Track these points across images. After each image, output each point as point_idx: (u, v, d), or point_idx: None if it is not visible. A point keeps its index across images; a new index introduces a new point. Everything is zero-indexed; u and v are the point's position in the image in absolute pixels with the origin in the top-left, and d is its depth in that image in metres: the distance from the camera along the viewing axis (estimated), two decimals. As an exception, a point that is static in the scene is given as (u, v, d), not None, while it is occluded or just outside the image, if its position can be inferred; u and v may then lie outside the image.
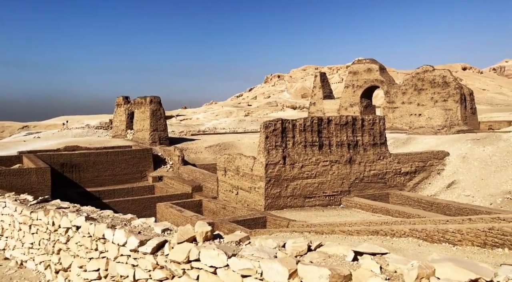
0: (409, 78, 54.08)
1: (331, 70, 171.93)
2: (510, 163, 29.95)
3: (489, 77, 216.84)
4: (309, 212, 28.02)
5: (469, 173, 30.87)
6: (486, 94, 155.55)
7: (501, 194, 27.18)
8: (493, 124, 57.01)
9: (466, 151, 33.40)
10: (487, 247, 10.84)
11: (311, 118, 29.52)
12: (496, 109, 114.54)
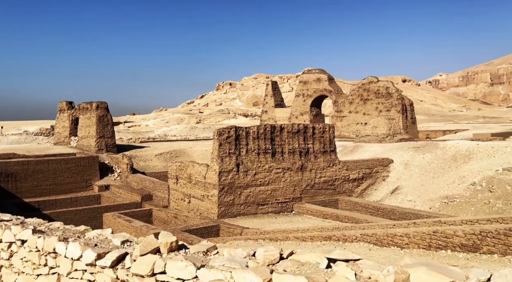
0: (356, 88, 56.75)
1: (282, 79, 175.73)
2: (446, 169, 32.32)
3: (426, 89, 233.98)
4: (262, 219, 28.17)
5: (411, 179, 32.86)
6: (423, 105, 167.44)
7: (439, 199, 29.18)
8: (430, 133, 61.36)
9: (408, 158, 35.57)
10: (432, 249, 11.56)
11: (264, 126, 29.86)
12: (432, 119, 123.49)
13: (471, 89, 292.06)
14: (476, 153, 32.62)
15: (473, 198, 27.49)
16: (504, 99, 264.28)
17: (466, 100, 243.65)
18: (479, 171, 29.50)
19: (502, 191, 26.50)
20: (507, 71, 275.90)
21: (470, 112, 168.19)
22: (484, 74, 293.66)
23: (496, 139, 39.85)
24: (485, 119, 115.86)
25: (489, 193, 27.08)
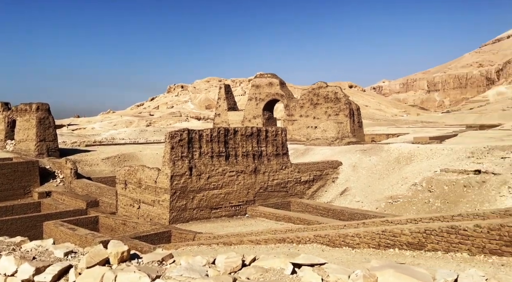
0: (306, 93, 58.19)
1: (234, 83, 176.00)
2: (390, 171, 34.02)
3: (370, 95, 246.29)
4: (215, 223, 27.79)
5: (358, 180, 34.18)
6: (368, 110, 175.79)
7: (384, 199, 30.60)
8: (375, 137, 64.43)
9: (355, 161, 36.99)
10: (381, 248, 11.99)
11: (217, 129, 29.55)
12: (376, 123, 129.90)
13: (411, 95, 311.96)
14: (416, 155, 34.67)
15: (414, 197, 29.14)
16: (439, 105, 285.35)
17: (406, 106, 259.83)
18: (419, 172, 31.37)
19: (440, 191, 28.36)
20: (441, 79, 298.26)
21: (410, 117, 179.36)
22: (421, 81, 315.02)
23: (434, 142, 42.73)
24: (423, 124, 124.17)
25: (428, 193, 28.86)
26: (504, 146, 30.85)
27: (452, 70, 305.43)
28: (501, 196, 24.55)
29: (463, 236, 9.98)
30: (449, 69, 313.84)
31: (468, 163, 29.16)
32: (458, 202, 26.55)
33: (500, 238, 9.16)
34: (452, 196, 27.21)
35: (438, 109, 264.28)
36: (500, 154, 28.68)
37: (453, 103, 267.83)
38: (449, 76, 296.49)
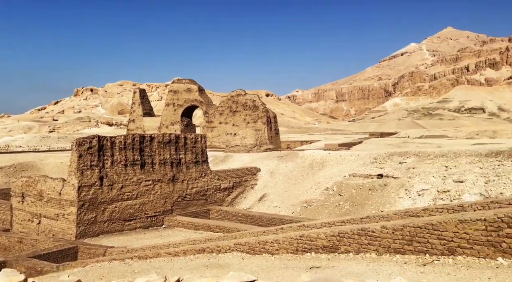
0: (225, 100, 58.49)
1: (150, 87, 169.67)
2: (305, 176, 35.68)
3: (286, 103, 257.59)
4: (129, 236, 26.16)
5: (276, 186, 35.18)
6: (284, 118, 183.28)
7: (300, 204, 31.93)
8: (290, 144, 67.26)
9: (273, 167, 38.06)
10: (299, 253, 12.36)
11: (132, 136, 27.98)
12: (291, 131, 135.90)
13: (321, 104, 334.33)
14: (328, 161, 36.92)
15: (326, 201, 30.90)
16: (346, 114, 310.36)
17: (318, 114, 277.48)
18: (331, 177, 33.41)
19: (349, 194, 30.51)
20: (348, 90, 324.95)
21: (321, 125, 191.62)
22: (331, 92, 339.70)
23: (343, 149, 46.01)
24: (333, 131, 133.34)
25: (339, 196, 30.85)
26: (401, 152, 34.43)
27: (356, 82, 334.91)
28: (400, 198, 27.26)
29: (371, 237, 10.73)
30: (354, 81, 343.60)
31: (372, 168, 31.88)
32: (364, 204, 28.81)
33: (403, 238, 10.05)
34: (359, 198, 29.45)
35: (345, 118, 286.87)
36: (398, 159, 31.92)
37: (358, 113, 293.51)
38: (354, 87, 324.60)
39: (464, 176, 25.31)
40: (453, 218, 9.26)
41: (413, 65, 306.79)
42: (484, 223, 8.66)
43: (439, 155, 30.03)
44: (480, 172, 25.05)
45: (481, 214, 8.98)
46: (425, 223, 9.62)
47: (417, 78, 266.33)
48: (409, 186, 27.33)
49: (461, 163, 27.32)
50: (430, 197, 25.60)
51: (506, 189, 22.63)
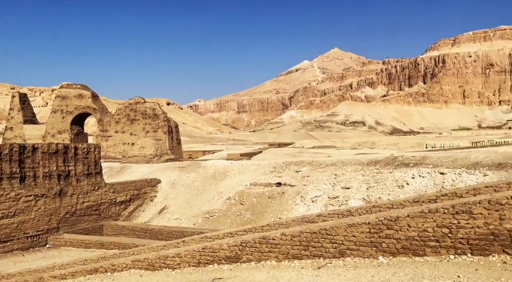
0: (123, 108, 55.30)
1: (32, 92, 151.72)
2: (207, 186, 35.55)
3: (188, 113, 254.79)
4: (4, 259, 22.69)
5: (177, 197, 34.29)
6: (186, 128, 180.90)
7: (202, 214, 31.65)
8: (192, 154, 66.55)
9: (174, 178, 37.07)
10: (201, 266, 12.16)
11: (10, 146, 24.51)
12: (193, 140, 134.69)
13: (224, 115, 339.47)
14: (230, 171, 37.44)
15: (228, 211, 31.21)
16: (247, 125, 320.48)
17: (220, 124, 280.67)
18: (233, 187, 33.90)
19: (250, 203, 31.31)
20: (249, 102, 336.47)
21: (223, 135, 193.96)
22: (232, 103, 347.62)
23: (244, 158, 47.21)
24: (234, 142, 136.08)
25: (240, 206, 31.43)
26: (297, 161, 36.70)
27: (256, 95, 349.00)
28: (296, 204, 28.94)
29: (272, 245, 11.12)
30: (254, 93, 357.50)
31: (271, 176, 33.30)
32: (264, 212, 29.85)
33: (300, 244, 10.64)
34: (259, 207, 30.42)
35: (246, 129, 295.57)
36: (295, 168, 33.94)
37: (258, 124, 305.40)
38: (255, 99, 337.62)
39: (350, 183, 28.06)
40: (343, 223, 10.14)
41: (307, 81, 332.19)
42: (368, 226, 9.66)
43: (330, 164, 32.81)
44: (362, 179, 28.05)
45: (365, 218, 10.01)
46: (320, 228, 10.34)
47: (310, 93, 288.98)
48: (304, 193, 29.21)
49: (347, 171, 30.26)
50: (322, 203, 27.72)
51: (383, 194, 25.74)
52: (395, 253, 9.39)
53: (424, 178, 25.31)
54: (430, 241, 9.01)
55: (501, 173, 22.46)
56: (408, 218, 9.21)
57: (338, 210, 13.15)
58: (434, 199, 11.22)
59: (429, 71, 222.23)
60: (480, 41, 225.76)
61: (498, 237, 8.34)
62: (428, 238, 9.02)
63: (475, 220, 8.51)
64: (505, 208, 8.18)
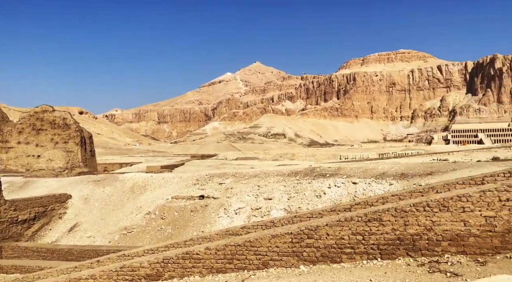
0: (27, 117, 50.12)
1: None
2: (125, 201, 33.65)
3: (103, 123, 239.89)
4: None
5: (90, 214, 31.84)
6: (101, 139, 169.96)
7: (119, 231, 29.78)
8: (108, 166, 62.60)
9: (88, 193, 34.42)
10: (119, 286, 11.39)
11: None
12: (109, 152, 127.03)
13: (143, 125, 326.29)
14: (150, 184, 35.95)
15: (148, 226, 29.86)
16: (168, 136, 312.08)
17: (139, 135, 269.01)
18: (153, 201, 32.57)
19: (171, 217, 30.34)
20: (170, 112, 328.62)
21: (142, 146, 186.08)
22: (152, 113, 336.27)
23: (165, 171, 45.76)
24: (154, 153, 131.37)
25: (161, 220, 30.29)
26: (220, 173, 36.66)
27: (178, 105, 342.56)
28: (219, 217, 28.79)
29: (196, 260, 10.87)
30: (176, 104, 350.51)
31: (194, 189, 32.74)
32: (186, 226, 29.15)
33: (224, 257, 10.57)
34: (182, 221, 29.63)
35: (167, 140, 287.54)
36: (218, 180, 33.83)
37: (180, 135, 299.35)
38: (176, 110, 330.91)
39: (272, 194, 28.83)
40: (267, 234, 10.33)
41: (230, 93, 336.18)
42: (290, 236, 9.98)
43: (253, 175, 33.37)
44: (284, 190, 29.03)
45: (288, 228, 10.34)
46: (244, 240, 10.40)
47: (233, 105, 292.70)
48: (228, 205, 29.22)
49: (270, 182, 31.06)
50: (246, 214, 27.99)
51: (303, 204, 26.90)
52: (315, 261, 9.82)
53: (339, 187, 27.06)
54: (346, 248, 9.61)
55: (404, 182, 24.99)
56: (327, 227, 9.73)
57: (262, 221, 13.39)
58: (349, 208, 12.04)
59: (342, 88, 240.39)
60: (384, 62, 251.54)
61: (403, 241, 9.21)
62: (344, 245, 9.62)
63: (384, 227, 9.30)
64: (409, 214, 9.09)
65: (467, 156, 41.16)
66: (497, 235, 8.52)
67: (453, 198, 8.73)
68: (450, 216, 8.76)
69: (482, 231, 8.61)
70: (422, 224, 8.99)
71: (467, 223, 8.68)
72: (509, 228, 8.44)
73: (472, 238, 8.67)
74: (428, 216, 8.93)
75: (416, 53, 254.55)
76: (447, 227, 8.80)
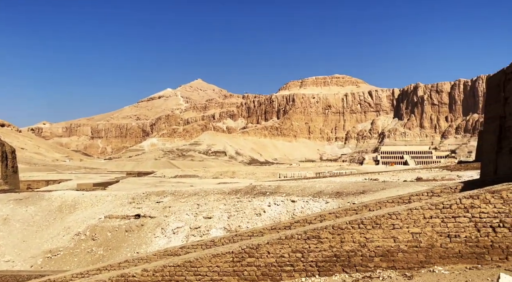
0: None
1: None
2: (51, 221, 31.07)
3: (28, 136, 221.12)
4: None
5: (10, 236, 28.89)
6: (25, 154, 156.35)
7: (42, 254, 27.33)
8: (32, 184, 57.59)
9: (8, 212, 31.27)
10: (43, 316, 10.39)
11: None
12: (35, 168, 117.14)
13: (74, 140, 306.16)
14: (81, 203, 33.67)
15: (77, 248, 27.79)
16: (102, 152, 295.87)
17: (69, 150, 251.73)
18: (83, 221, 30.47)
19: (104, 238, 28.57)
20: (105, 127, 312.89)
21: (72, 162, 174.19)
22: (85, 127, 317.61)
23: (98, 189, 43.22)
24: (86, 170, 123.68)
25: (92, 241, 28.37)
26: (158, 191, 35.47)
27: (114, 120, 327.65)
28: (156, 237, 27.69)
29: (131, 283, 10.32)
30: (112, 118, 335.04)
31: (130, 208, 31.25)
32: (120, 247, 27.59)
33: (163, 278, 10.18)
34: (115, 242, 28.00)
35: (101, 156, 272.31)
36: (155, 199, 32.67)
37: (115, 151, 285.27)
38: (112, 125, 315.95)
39: (212, 212, 28.48)
40: (207, 253, 10.17)
41: (169, 109, 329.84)
42: (231, 255, 9.92)
43: (192, 194, 32.75)
44: (224, 208, 28.83)
45: (229, 247, 10.27)
46: (184, 261, 10.13)
47: (173, 121, 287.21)
48: (165, 225, 28.26)
49: (210, 200, 30.68)
50: (184, 234, 27.25)
51: (243, 222, 26.90)
52: (255, 280, 9.84)
53: (278, 205, 27.54)
54: (286, 266, 9.78)
55: (339, 200, 26.16)
56: (268, 245, 9.84)
57: (202, 240, 13.15)
58: (289, 226, 12.31)
59: (281, 108, 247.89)
60: (321, 86, 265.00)
61: (339, 258, 9.61)
62: (285, 263, 9.78)
63: (322, 244, 9.64)
64: (345, 232, 9.53)
65: (394, 176, 44.35)
66: (422, 250, 9.24)
67: (385, 216, 9.35)
68: (382, 233, 9.35)
69: (409, 246, 9.29)
70: (356, 241, 9.47)
71: (396, 239, 9.32)
72: (432, 243, 9.21)
73: (400, 254, 9.30)
74: (362, 233, 9.44)
75: (350, 79, 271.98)
76: (379, 243, 9.37)
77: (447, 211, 9.13)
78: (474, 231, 9.02)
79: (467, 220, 9.07)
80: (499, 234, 8.90)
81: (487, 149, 18.30)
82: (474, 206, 9.04)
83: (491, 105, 18.12)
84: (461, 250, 9.03)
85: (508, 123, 15.91)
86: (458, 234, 9.08)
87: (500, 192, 8.99)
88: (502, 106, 16.50)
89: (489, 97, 18.46)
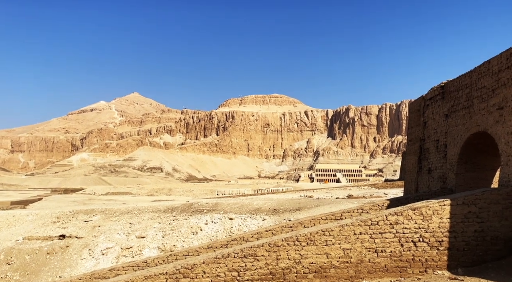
0: None
1: None
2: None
3: None
4: None
5: None
6: None
7: None
8: None
9: None
10: None
11: None
12: None
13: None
14: (-5, 223, 30.34)
15: (-12, 274, 24.88)
16: (24, 167, 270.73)
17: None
18: (-2, 243, 27.44)
19: (21, 262, 25.93)
20: (28, 140, 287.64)
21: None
22: (5, 140, 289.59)
23: (17, 207, 39.35)
24: (3, 187, 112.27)
25: (7, 266, 25.63)
26: (87, 209, 33.18)
27: (39, 133, 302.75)
28: (82, 259, 25.72)
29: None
30: (36, 131, 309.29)
31: (53, 228, 28.80)
32: (40, 271, 25.22)
33: (89, 305, 9.43)
34: (34, 265, 25.54)
35: (22, 171, 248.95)
36: (84, 218, 30.48)
37: (39, 166, 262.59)
38: (36, 138, 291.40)
39: (146, 232, 27.23)
40: (139, 275, 9.66)
41: (102, 122, 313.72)
42: (165, 276, 9.53)
43: (125, 212, 31.13)
44: (159, 227, 27.74)
45: (163, 268, 9.87)
46: (113, 285, 9.51)
47: (106, 135, 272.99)
48: (94, 246, 26.43)
49: (144, 219, 29.36)
50: (114, 255, 25.66)
51: (178, 241, 26.06)
52: (190, 302, 9.51)
53: (216, 223, 27.18)
54: (222, 286, 9.61)
55: (275, 217, 26.53)
56: (204, 265, 9.63)
57: (134, 262, 12.48)
58: (226, 244, 12.19)
59: (221, 125, 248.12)
60: (260, 104, 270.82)
61: (274, 275, 9.69)
62: (221, 283, 9.61)
63: (258, 262, 9.66)
64: (281, 249, 9.67)
65: (328, 193, 46.23)
66: (352, 265, 9.67)
67: (318, 232, 9.67)
68: (315, 249, 9.63)
69: (341, 262, 9.67)
70: (292, 258, 9.64)
71: (329, 255, 9.66)
72: (361, 258, 9.68)
73: (333, 269, 9.64)
74: (297, 249, 9.64)
75: (287, 98, 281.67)
76: (313, 260, 9.63)
77: (375, 227, 9.70)
78: (398, 245, 9.66)
79: (392, 235, 9.71)
80: (419, 248, 9.64)
81: (409, 168, 19.91)
82: (398, 222, 9.72)
83: (412, 128, 19.86)
84: (386, 264, 9.60)
85: (427, 145, 17.52)
86: (384, 249, 9.66)
87: (420, 209, 9.78)
88: (422, 129, 18.16)
89: (411, 121, 20.23)
